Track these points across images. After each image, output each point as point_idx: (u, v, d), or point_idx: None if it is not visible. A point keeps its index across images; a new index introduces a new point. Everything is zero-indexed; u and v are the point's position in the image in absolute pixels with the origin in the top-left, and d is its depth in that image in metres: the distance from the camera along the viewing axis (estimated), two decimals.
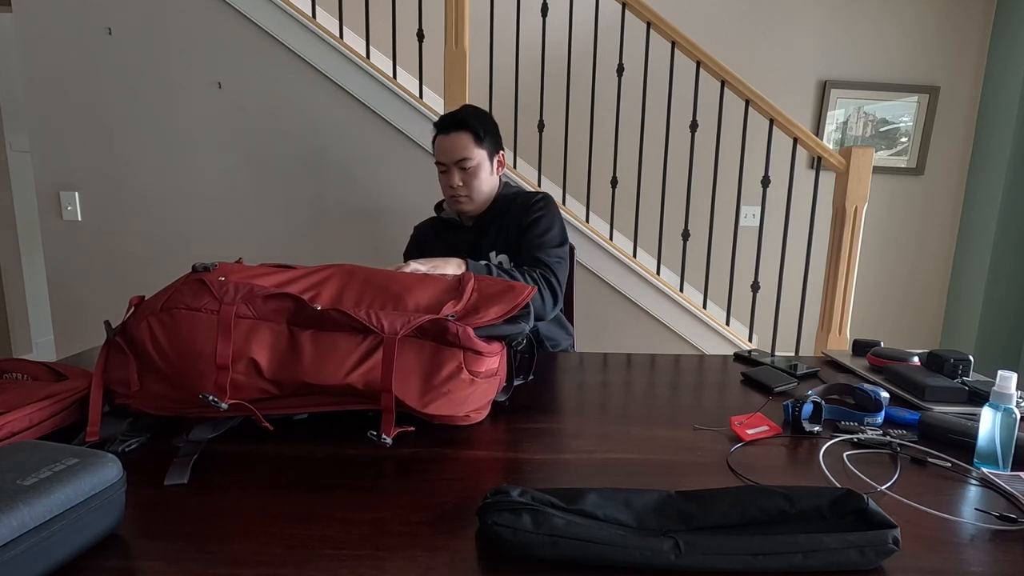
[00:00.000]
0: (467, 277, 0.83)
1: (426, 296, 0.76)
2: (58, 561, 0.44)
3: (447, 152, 1.31)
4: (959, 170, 2.93)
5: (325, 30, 1.98)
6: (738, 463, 0.65)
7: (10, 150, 3.00)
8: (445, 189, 1.36)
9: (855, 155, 1.98)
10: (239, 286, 0.69)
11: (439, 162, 1.34)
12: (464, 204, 1.35)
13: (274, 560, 0.46)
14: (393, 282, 0.78)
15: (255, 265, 0.80)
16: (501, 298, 0.78)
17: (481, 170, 1.32)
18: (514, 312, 0.76)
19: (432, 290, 0.78)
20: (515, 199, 1.38)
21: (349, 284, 0.76)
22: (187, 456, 0.62)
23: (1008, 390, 0.62)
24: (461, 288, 0.80)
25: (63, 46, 1.99)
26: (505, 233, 1.36)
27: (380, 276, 0.79)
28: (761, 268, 2.30)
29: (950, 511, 0.55)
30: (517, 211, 1.35)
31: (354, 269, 0.80)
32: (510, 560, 0.46)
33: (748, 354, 1.08)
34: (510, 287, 0.81)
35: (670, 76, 2.08)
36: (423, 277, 0.82)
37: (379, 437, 0.65)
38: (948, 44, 2.81)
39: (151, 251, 2.12)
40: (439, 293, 0.78)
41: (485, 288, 0.81)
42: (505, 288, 0.81)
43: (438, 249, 1.40)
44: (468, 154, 1.31)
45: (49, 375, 0.76)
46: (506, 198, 1.39)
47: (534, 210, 1.34)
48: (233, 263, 0.78)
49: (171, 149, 2.06)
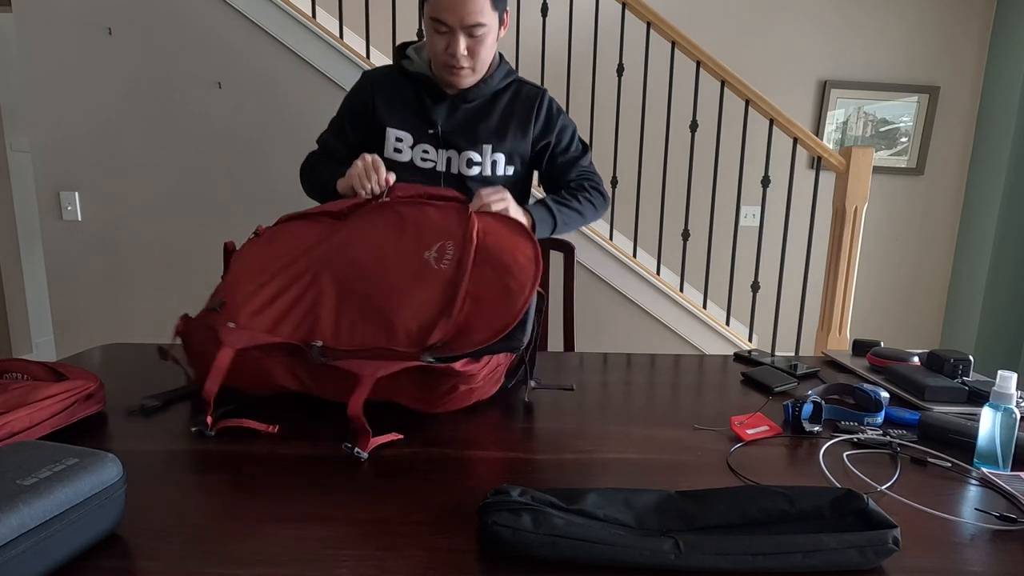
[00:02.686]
0: (462, 270, 0.75)
1: (415, 314, 0.74)
2: (58, 561, 0.44)
3: (455, 10, 1.00)
4: (959, 170, 2.93)
5: (325, 30, 1.98)
6: (738, 463, 0.65)
7: (10, 150, 3.00)
8: (440, 55, 1.06)
9: (855, 155, 1.98)
10: (242, 335, 0.73)
11: (436, 19, 1.02)
12: (465, 78, 1.09)
13: (274, 560, 0.46)
14: (382, 293, 0.76)
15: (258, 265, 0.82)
16: (492, 312, 0.72)
17: (490, 36, 1.06)
18: (506, 332, 0.71)
19: (421, 302, 0.74)
20: (512, 86, 1.18)
21: (343, 301, 0.77)
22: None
23: (1008, 390, 0.62)
24: (455, 289, 0.74)
25: (63, 46, 1.99)
26: (500, 124, 1.13)
27: (371, 282, 0.77)
28: (761, 268, 2.30)
29: (950, 511, 0.55)
30: (522, 106, 1.16)
31: (347, 273, 0.79)
32: (510, 560, 0.46)
33: (748, 354, 1.08)
34: (507, 290, 0.73)
35: (670, 76, 2.08)
36: (417, 272, 0.76)
37: (353, 450, 0.64)
38: (948, 44, 2.81)
39: (151, 251, 2.12)
40: (430, 308, 0.74)
41: (481, 289, 0.74)
42: (503, 291, 0.73)
43: (401, 116, 1.13)
44: (483, 18, 1.01)
45: (49, 375, 0.76)
46: (501, 76, 1.16)
47: (554, 112, 1.18)
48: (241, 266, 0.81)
49: (171, 149, 2.06)
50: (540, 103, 1.18)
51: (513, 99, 1.17)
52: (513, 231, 0.81)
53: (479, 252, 0.77)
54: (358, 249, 0.81)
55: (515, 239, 0.79)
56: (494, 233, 0.79)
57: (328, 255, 0.81)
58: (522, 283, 0.73)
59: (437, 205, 0.86)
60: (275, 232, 0.88)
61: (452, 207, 0.86)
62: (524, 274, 0.74)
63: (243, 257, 0.84)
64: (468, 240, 0.77)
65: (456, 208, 0.85)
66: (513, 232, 0.80)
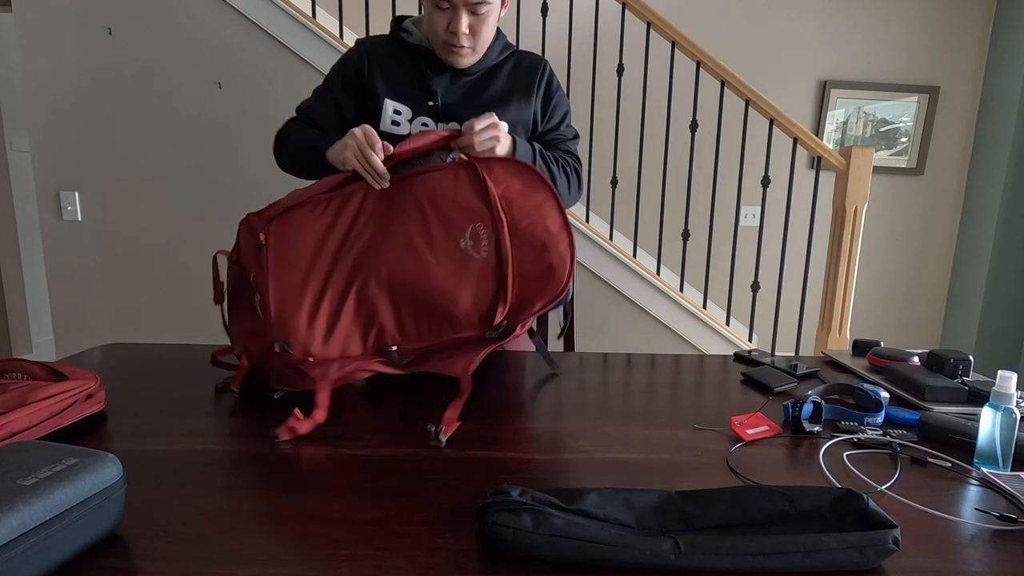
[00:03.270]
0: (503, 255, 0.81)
1: (474, 304, 0.80)
2: (58, 561, 0.44)
3: None
4: (959, 170, 2.93)
5: (325, 30, 1.98)
6: (738, 463, 0.65)
7: (10, 150, 3.00)
8: (440, 33, 1.01)
9: (855, 155, 1.98)
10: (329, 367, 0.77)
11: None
12: (464, 57, 1.05)
13: (274, 560, 0.46)
14: (434, 290, 0.80)
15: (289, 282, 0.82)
16: (542, 288, 0.81)
17: (492, 15, 1.02)
18: (552, 304, 0.82)
19: (475, 293, 0.80)
20: (512, 56, 1.13)
21: (397, 303, 0.81)
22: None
23: (1008, 390, 0.62)
24: (503, 275, 0.80)
25: (63, 46, 1.99)
26: (503, 93, 1.10)
27: (417, 280, 0.81)
28: (761, 268, 2.30)
29: (950, 511, 0.55)
30: (525, 75, 1.12)
31: (390, 275, 0.81)
32: (510, 560, 0.46)
33: (748, 354, 1.08)
34: (550, 267, 0.81)
35: (670, 76, 2.08)
36: (460, 265, 0.81)
37: (436, 435, 0.69)
38: (948, 44, 2.81)
39: (151, 251, 2.12)
40: (484, 295, 0.80)
41: (526, 269, 0.82)
42: (546, 269, 0.81)
43: (399, 87, 1.07)
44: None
45: (49, 375, 0.76)
46: (499, 49, 1.12)
47: (553, 87, 1.14)
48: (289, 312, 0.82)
49: (171, 149, 2.06)
50: (543, 73, 1.14)
51: (515, 68, 1.12)
52: (531, 187, 0.83)
53: (512, 233, 0.82)
54: (391, 249, 0.82)
55: (538, 202, 0.83)
56: (517, 202, 0.82)
57: (363, 258, 0.82)
58: (562, 257, 0.81)
59: (442, 170, 0.86)
60: (284, 233, 0.84)
61: (455, 170, 0.85)
62: (561, 245, 0.82)
63: (271, 279, 0.81)
64: (497, 218, 0.81)
65: (461, 171, 0.85)
66: (532, 190, 0.83)
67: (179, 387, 0.85)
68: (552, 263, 0.81)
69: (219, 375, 0.89)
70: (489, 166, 0.84)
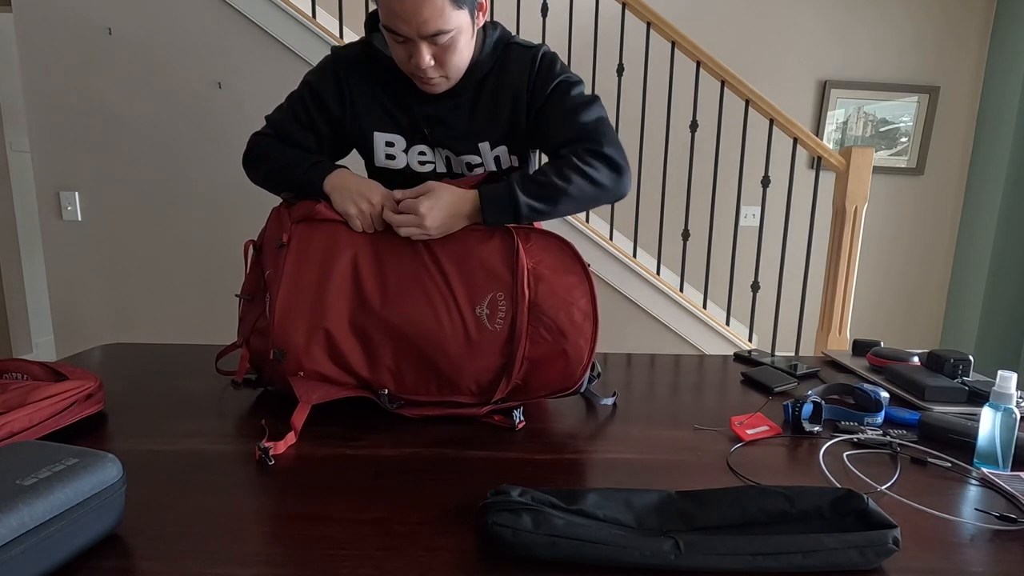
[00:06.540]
0: (517, 333, 0.74)
1: (477, 378, 0.77)
2: (58, 561, 0.44)
3: (408, 18, 0.80)
4: (959, 170, 2.93)
5: (325, 30, 1.98)
6: (738, 463, 0.65)
7: (10, 150, 3.00)
8: (405, 65, 0.88)
9: (855, 155, 1.98)
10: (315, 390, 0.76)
11: (390, 29, 0.83)
12: (437, 87, 0.91)
13: (274, 560, 0.46)
14: (441, 355, 0.76)
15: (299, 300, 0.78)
16: (555, 375, 0.76)
17: (460, 39, 0.85)
18: (561, 395, 0.79)
19: (481, 366, 0.76)
20: (506, 56, 0.95)
21: (401, 353, 0.78)
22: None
23: (1008, 390, 0.62)
24: (512, 353, 0.75)
25: (63, 46, 1.99)
26: (493, 113, 0.95)
27: (427, 342, 0.76)
28: (761, 268, 2.30)
29: (950, 511, 0.55)
30: (515, 75, 0.94)
31: (400, 327, 0.77)
32: (510, 560, 0.46)
33: (748, 354, 1.08)
34: (563, 355, 0.75)
35: (670, 76, 2.08)
36: (472, 334, 0.76)
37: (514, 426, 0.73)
38: (948, 44, 2.81)
39: (151, 251, 2.12)
40: (489, 371, 0.76)
41: (538, 353, 0.75)
42: (559, 356, 0.75)
43: (386, 116, 0.95)
44: (445, 23, 0.81)
45: (49, 375, 0.76)
46: (492, 53, 0.95)
47: (545, 71, 0.94)
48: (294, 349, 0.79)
49: (171, 149, 2.06)
50: (531, 68, 0.95)
51: (502, 76, 0.95)
52: (564, 268, 0.77)
53: (532, 309, 0.75)
54: (406, 299, 0.77)
55: (568, 285, 0.76)
56: (545, 279, 0.76)
57: (378, 298, 0.77)
58: (579, 349, 0.75)
59: (476, 232, 0.80)
60: (308, 240, 0.80)
61: (491, 229, 0.80)
62: (581, 336, 0.75)
63: (283, 284, 0.78)
64: (520, 292, 0.74)
65: (497, 231, 0.79)
66: (565, 270, 0.77)
67: (179, 387, 0.85)
68: (567, 351, 0.75)
69: (220, 376, 0.89)
70: (526, 235, 0.78)
